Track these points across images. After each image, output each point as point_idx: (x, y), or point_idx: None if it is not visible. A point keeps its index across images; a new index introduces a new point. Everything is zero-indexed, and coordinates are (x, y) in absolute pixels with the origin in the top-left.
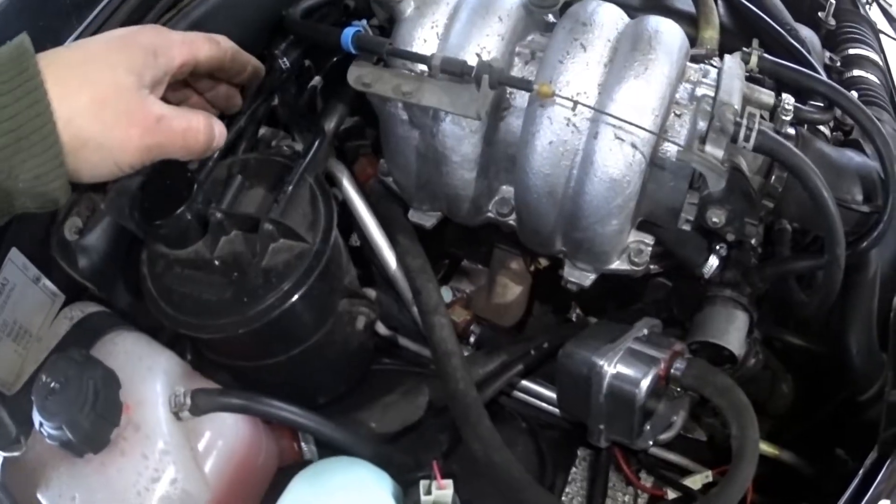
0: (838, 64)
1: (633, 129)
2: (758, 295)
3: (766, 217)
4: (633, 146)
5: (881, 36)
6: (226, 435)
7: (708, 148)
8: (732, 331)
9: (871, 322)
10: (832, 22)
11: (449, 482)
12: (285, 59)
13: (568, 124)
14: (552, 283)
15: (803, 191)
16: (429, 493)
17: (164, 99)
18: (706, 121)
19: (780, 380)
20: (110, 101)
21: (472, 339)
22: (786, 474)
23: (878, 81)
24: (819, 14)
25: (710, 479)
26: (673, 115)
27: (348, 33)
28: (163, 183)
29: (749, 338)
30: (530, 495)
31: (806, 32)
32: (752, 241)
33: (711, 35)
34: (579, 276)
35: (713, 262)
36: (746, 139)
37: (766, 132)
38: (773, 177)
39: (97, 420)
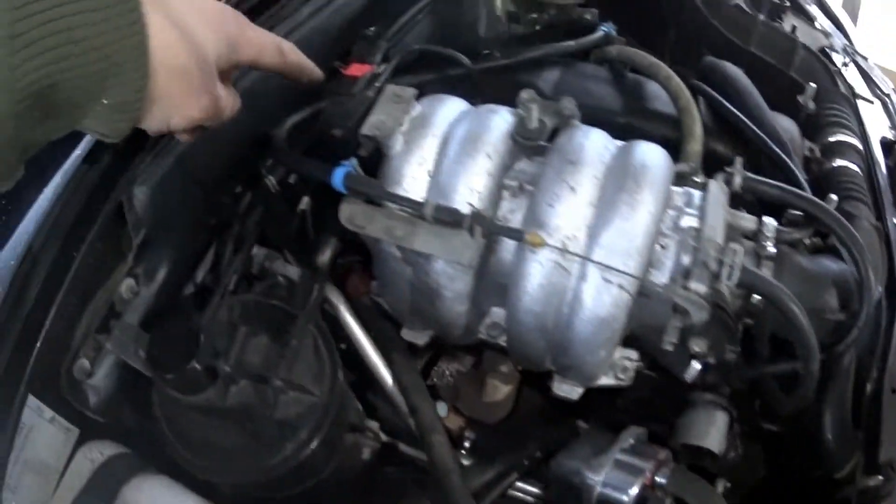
0: (818, 153)
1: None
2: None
3: None
4: (621, 287)
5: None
6: None
7: (692, 284)
8: (713, 431)
9: (845, 405)
10: (812, 106)
11: None
12: (272, 178)
13: (557, 267)
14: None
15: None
16: None
17: None
18: (690, 255)
19: (756, 465)
20: (191, 73)
21: (466, 444)
22: None
23: (857, 170)
24: (798, 98)
25: None
26: (658, 247)
27: (339, 174)
28: (168, 331)
29: (730, 433)
30: None
31: (786, 123)
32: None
33: (695, 149)
34: (568, 391)
35: (695, 367)
36: (729, 277)
37: (747, 269)
38: (752, 300)
39: None
